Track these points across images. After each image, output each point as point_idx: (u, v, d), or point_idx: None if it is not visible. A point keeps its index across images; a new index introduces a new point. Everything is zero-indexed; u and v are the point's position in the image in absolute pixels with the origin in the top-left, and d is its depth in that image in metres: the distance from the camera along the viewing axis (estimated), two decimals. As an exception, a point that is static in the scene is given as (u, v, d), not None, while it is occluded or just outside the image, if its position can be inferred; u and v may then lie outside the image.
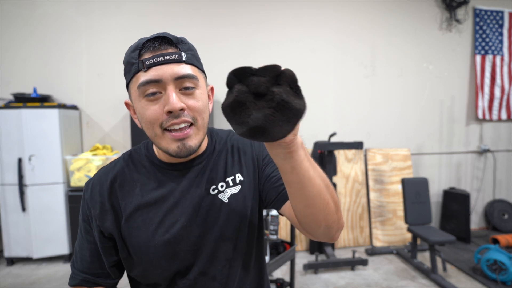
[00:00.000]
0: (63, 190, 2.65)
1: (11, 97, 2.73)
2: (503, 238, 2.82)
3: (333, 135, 2.71)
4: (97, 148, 2.88)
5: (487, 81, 3.44)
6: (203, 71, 0.64)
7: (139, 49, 0.56)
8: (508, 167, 3.63)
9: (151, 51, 0.56)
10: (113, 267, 0.67)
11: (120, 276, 0.70)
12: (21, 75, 2.91)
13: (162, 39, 0.56)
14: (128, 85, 0.60)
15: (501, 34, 3.43)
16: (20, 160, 2.54)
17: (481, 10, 3.40)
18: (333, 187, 0.69)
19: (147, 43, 0.56)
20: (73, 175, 2.66)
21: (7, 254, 2.62)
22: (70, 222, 2.67)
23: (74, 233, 2.68)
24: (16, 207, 2.57)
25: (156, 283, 0.65)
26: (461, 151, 3.53)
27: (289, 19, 3.16)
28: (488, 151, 3.53)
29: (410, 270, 2.56)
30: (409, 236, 3.04)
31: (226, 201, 0.66)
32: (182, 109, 0.56)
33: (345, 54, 3.26)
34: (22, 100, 2.63)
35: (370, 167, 3.22)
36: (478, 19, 3.40)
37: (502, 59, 3.44)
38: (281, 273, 2.48)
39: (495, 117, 3.49)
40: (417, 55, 3.38)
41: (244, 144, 0.73)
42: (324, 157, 2.61)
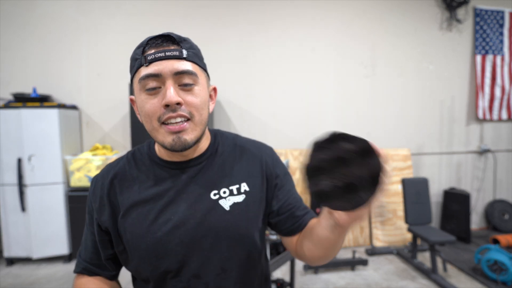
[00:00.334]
0: (62, 190, 2.65)
1: (11, 97, 2.73)
2: (503, 238, 2.82)
3: (333, 135, 2.70)
4: (97, 148, 2.88)
5: (487, 81, 3.43)
6: (205, 70, 0.65)
7: (143, 46, 0.59)
8: (508, 167, 3.62)
9: (154, 47, 0.58)
10: (109, 260, 0.69)
11: (116, 269, 0.71)
12: (21, 75, 2.91)
13: (165, 37, 0.59)
14: (132, 80, 0.62)
15: (501, 34, 3.42)
16: (19, 160, 2.54)
17: (481, 10, 3.39)
18: None
19: (151, 40, 0.59)
20: (73, 175, 2.66)
21: (6, 254, 2.62)
22: (69, 222, 2.67)
23: (74, 233, 2.68)
24: (15, 207, 2.57)
25: (147, 279, 0.65)
26: (461, 151, 3.53)
27: (289, 19, 3.16)
28: (488, 151, 3.52)
29: (410, 270, 2.56)
30: (409, 236, 3.04)
31: (227, 209, 0.64)
32: (179, 103, 0.57)
33: (345, 54, 3.26)
34: (22, 100, 2.63)
35: (370, 167, 3.21)
36: (478, 19, 3.40)
37: (502, 59, 3.43)
38: (281, 273, 2.48)
39: (495, 117, 3.49)
40: (417, 55, 3.37)
41: (254, 153, 0.72)
42: (324, 157, 2.61)
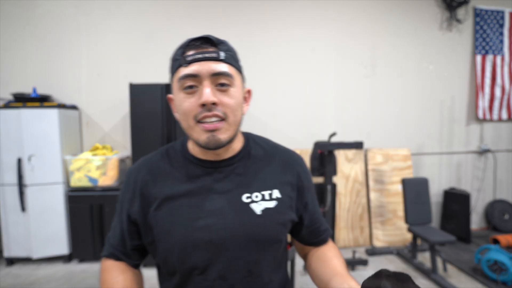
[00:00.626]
0: (62, 190, 2.64)
1: (11, 97, 2.73)
2: (503, 238, 2.82)
3: (333, 135, 2.70)
4: (97, 148, 2.88)
5: (487, 81, 3.43)
6: (240, 72, 0.68)
7: (184, 47, 0.62)
8: (508, 167, 3.62)
9: (193, 49, 0.61)
10: (134, 250, 0.71)
11: (139, 259, 0.74)
12: (21, 75, 2.91)
13: (204, 39, 0.62)
14: (172, 79, 0.65)
15: (501, 34, 3.42)
16: (19, 160, 2.53)
17: (481, 10, 3.39)
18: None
19: (191, 42, 0.62)
20: (73, 175, 2.66)
21: (6, 254, 2.61)
22: (69, 222, 2.67)
23: (73, 233, 2.67)
24: (15, 207, 2.56)
25: (174, 272, 0.67)
26: (461, 151, 3.53)
27: (289, 19, 3.16)
28: (488, 151, 3.52)
29: (410, 270, 2.55)
30: (409, 236, 3.04)
31: (259, 213, 0.66)
32: (214, 103, 0.60)
33: (345, 54, 3.26)
34: (22, 100, 2.63)
35: (370, 167, 3.22)
36: (478, 19, 3.40)
37: (502, 59, 3.43)
38: (281, 273, 2.47)
39: (495, 117, 3.49)
40: (417, 55, 3.37)
41: (287, 161, 0.75)
42: (324, 157, 2.60)
